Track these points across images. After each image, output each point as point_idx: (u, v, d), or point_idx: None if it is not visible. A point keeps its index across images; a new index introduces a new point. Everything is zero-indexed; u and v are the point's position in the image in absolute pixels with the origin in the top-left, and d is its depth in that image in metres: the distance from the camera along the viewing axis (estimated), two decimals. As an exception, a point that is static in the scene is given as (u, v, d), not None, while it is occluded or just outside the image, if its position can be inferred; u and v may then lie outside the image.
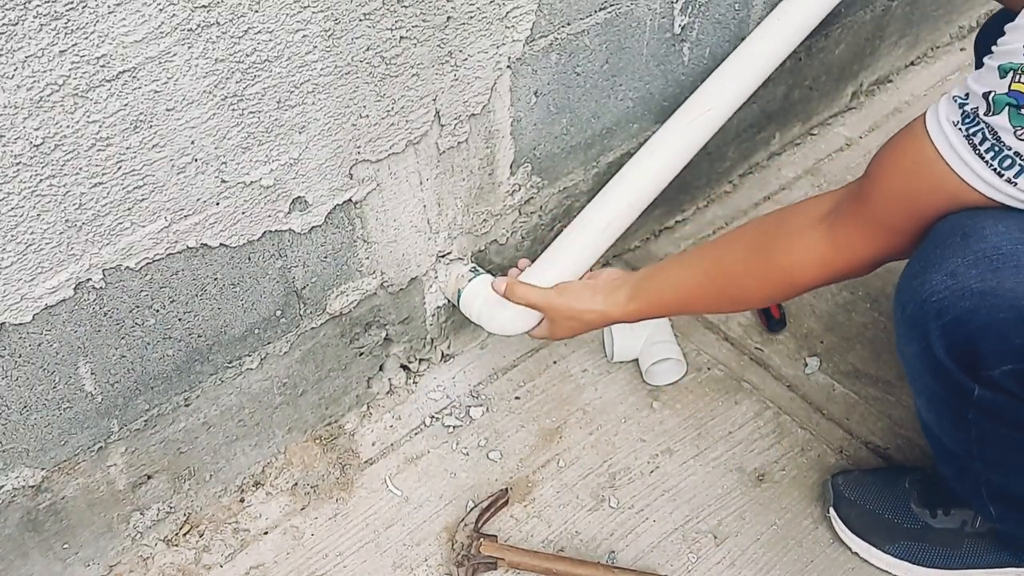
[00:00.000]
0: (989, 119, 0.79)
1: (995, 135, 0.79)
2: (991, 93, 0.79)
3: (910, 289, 0.89)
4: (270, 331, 1.14)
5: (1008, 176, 0.80)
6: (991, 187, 0.82)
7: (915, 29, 1.92)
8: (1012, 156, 0.79)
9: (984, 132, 0.80)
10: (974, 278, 0.83)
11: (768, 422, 1.33)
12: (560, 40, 1.19)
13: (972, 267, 0.83)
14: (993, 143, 0.79)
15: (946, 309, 0.85)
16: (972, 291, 0.83)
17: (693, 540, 1.19)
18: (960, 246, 0.84)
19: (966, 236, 0.84)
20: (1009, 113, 0.78)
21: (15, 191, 0.81)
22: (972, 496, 1.06)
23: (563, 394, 1.38)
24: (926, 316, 0.87)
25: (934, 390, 0.94)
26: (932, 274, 0.86)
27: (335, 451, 1.30)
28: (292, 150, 1.00)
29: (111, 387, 1.02)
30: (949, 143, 0.83)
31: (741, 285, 1.07)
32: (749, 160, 1.74)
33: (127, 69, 0.82)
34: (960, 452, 1.00)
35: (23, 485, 1.00)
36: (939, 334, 0.86)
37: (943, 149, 0.83)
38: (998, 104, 0.78)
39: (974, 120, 0.81)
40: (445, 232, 1.26)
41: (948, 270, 0.85)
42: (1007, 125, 0.78)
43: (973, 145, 0.81)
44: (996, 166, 0.80)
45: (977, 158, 0.81)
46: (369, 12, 0.96)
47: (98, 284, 0.93)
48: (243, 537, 1.21)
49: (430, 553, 1.19)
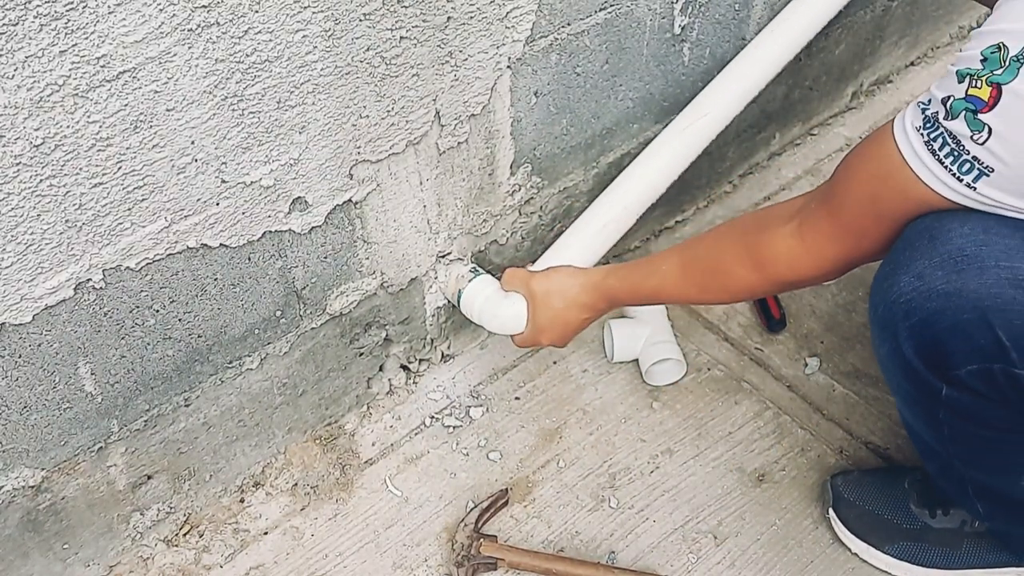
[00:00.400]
0: (947, 124, 0.80)
1: (955, 140, 0.80)
2: (949, 98, 0.80)
3: (881, 291, 0.91)
4: (270, 331, 1.14)
5: (967, 181, 0.80)
6: (953, 191, 0.82)
7: (915, 29, 1.92)
8: (971, 161, 0.79)
9: (944, 137, 0.80)
10: (940, 279, 0.84)
11: (768, 422, 1.33)
12: (560, 40, 1.19)
13: (938, 268, 0.84)
14: (952, 148, 0.80)
15: (913, 310, 0.86)
16: (938, 292, 0.84)
17: (693, 540, 1.19)
18: (927, 248, 0.85)
19: (933, 238, 0.85)
20: (966, 118, 0.78)
21: (15, 191, 0.81)
22: (959, 494, 1.06)
23: (563, 394, 1.38)
24: (895, 317, 0.88)
25: (907, 389, 0.95)
26: (900, 276, 0.87)
27: (335, 451, 1.30)
28: (292, 150, 1.00)
29: (111, 387, 1.02)
30: (912, 148, 0.83)
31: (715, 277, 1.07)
32: (749, 160, 1.74)
33: (127, 69, 0.82)
34: (939, 449, 1.01)
35: (23, 485, 1.00)
36: (907, 335, 0.88)
37: (907, 154, 0.84)
38: (955, 109, 0.79)
39: (934, 125, 0.81)
40: (445, 232, 1.26)
41: (915, 272, 0.86)
42: (964, 130, 0.78)
43: (933, 151, 0.82)
44: (956, 171, 0.81)
45: (937, 163, 0.82)
46: (369, 12, 0.96)
47: (98, 284, 0.93)
48: (243, 537, 1.21)
49: (430, 553, 1.19)
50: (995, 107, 0.76)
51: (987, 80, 0.77)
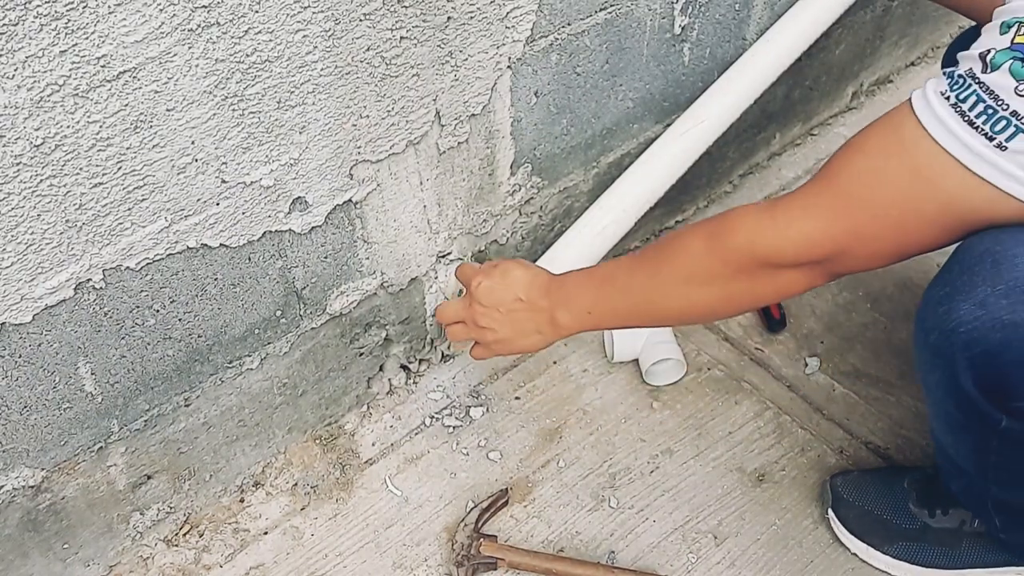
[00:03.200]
0: (985, 77, 0.75)
1: (991, 94, 0.75)
2: (989, 52, 0.75)
3: (935, 316, 0.85)
4: (270, 331, 1.14)
5: (1000, 140, 0.75)
6: (977, 158, 0.76)
7: (915, 29, 1.92)
8: (1008, 117, 0.74)
9: (978, 94, 0.76)
10: (1005, 309, 0.79)
11: (768, 422, 1.33)
12: (560, 40, 1.19)
13: (1003, 297, 0.79)
14: (987, 104, 0.75)
15: (975, 341, 0.81)
16: (1003, 323, 0.79)
17: (693, 540, 1.19)
18: (990, 274, 0.80)
19: (996, 263, 0.80)
20: (1012, 68, 0.74)
21: (15, 191, 0.81)
22: (978, 508, 1.05)
23: (563, 394, 1.38)
24: (953, 346, 0.83)
25: (956, 417, 0.91)
26: (960, 302, 0.82)
27: (335, 451, 1.30)
28: (292, 150, 1.00)
29: (111, 387, 1.02)
30: (934, 114, 0.78)
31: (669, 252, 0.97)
32: (749, 160, 1.74)
33: (127, 69, 0.82)
34: (972, 471, 0.98)
35: (23, 485, 1.00)
36: (967, 365, 0.83)
37: (928, 122, 0.78)
38: (997, 61, 0.75)
39: (965, 84, 0.77)
40: (445, 232, 1.26)
41: (977, 299, 0.81)
42: (1007, 81, 0.74)
43: (962, 112, 0.77)
44: (988, 130, 0.75)
45: (965, 125, 0.76)
46: (369, 12, 0.96)
47: (98, 284, 0.93)
48: (243, 537, 1.21)
49: (430, 553, 1.19)
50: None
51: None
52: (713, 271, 0.93)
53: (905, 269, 1.51)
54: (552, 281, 1.08)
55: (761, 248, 0.89)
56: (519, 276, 1.09)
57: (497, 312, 1.09)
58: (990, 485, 0.98)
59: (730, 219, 0.92)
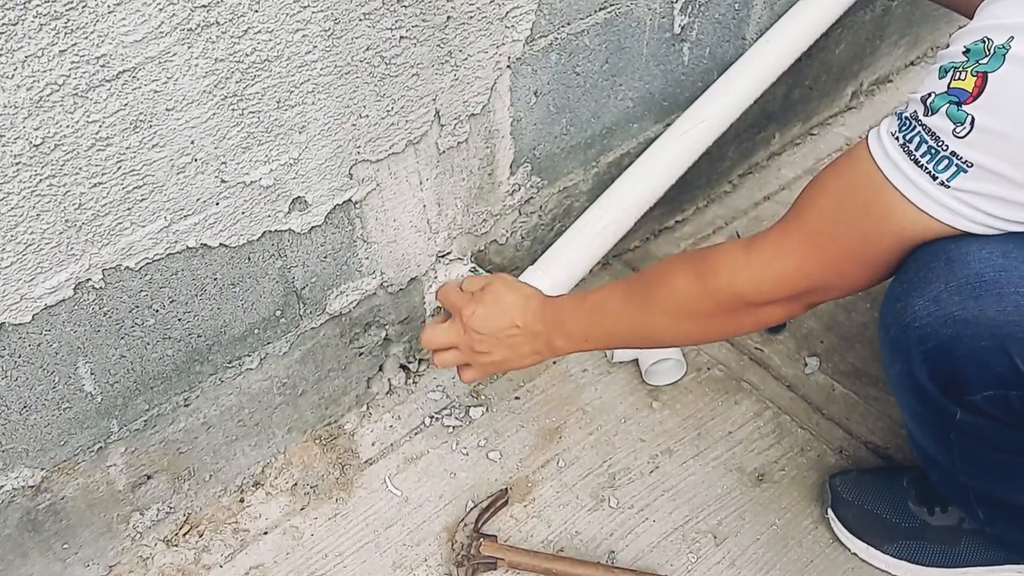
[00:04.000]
0: (927, 120, 0.79)
1: (933, 136, 0.79)
2: (930, 96, 0.79)
3: (893, 312, 0.89)
4: (270, 331, 1.14)
5: (942, 179, 0.79)
6: (923, 194, 0.80)
7: (915, 29, 1.92)
8: (948, 156, 0.78)
9: (921, 135, 0.79)
10: (956, 305, 0.82)
11: (768, 422, 1.33)
12: (560, 40, 1.19)
13: (955, 294, 0.82)
14: (930, 145, 0.79)
15: (928, 336, 0.84)
16: (954, 319, 0.82)
17: (693, 540, 1.19)
18: (944, 271, 0.83)
19: (950, 261, 0.83)
20: (948, 112, 0.77)
21: (15, 191, 0.81)
22: (960, 501, 1.07)
23: (563, 394, 1.38)
24: (908, 341, 0.87)
25: (917, 410, 0.94)
26: (915, 299, 0.85)
27: (335, 451, 1.30)
28: (292, 150, 1.00)
29: (111, 387, 1.02)
30: (885, 152, 0.82)
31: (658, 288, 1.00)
32: (749, 160, 1.74)
33: (127, 69, 0.82)
34: (945, 463, 1.00)
35: (23, 485, 1.00)
36: (921, 359, 0.86)
37: (879, 158, 0.83)
38: (936, 105, 0.78)
39: (911, 125, 0.81)
40: (445, 232, 1.26)
41: (931, 296, 0.84)
42: (945, 124, 0.77)
43: (909, 151, 0.80)
44: (931, 169, 0.79)
45: (912, 163, 0.80)
46: (369, 12, 0.96)
47: (98, 284, 0.93)
48: (243, 537, 1.21)
49: (430, 553, 1.19)
50: (980, 96, 0.75)
51: (972, 71, 0.76)
52: (699, 308, 0.97)
53: (905, 269, 1.51)
54: (546, 305, 1.10)
55: (740, 288, 0.93)
56: (512, 303, 1.11)
57: (495, 339, 1.11)
58: (960, 475, 1.00)
59: (712, 259, 0.96)
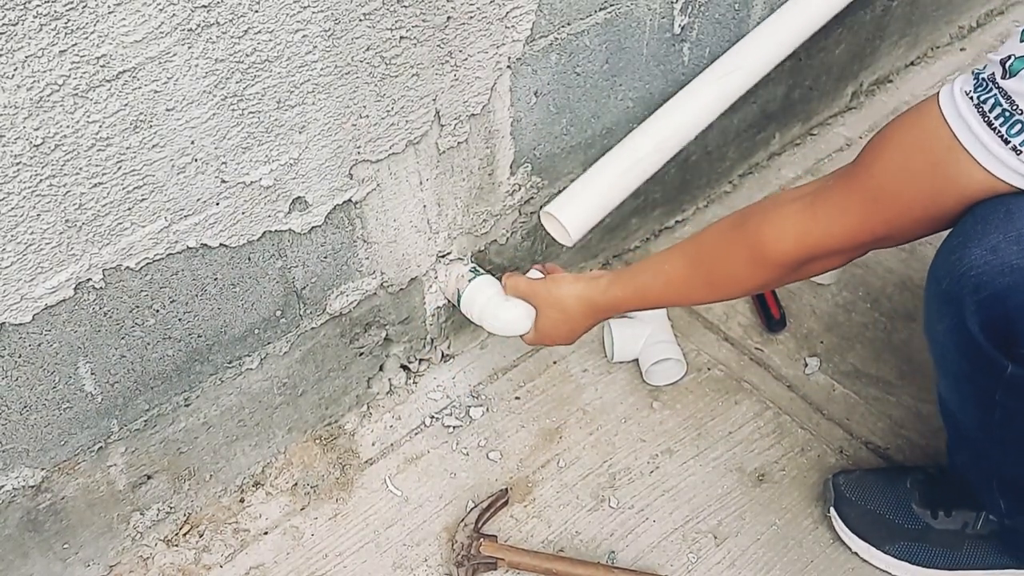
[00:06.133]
0: (1005, 83, 0.78)
1: (1008, 99, 0.78)
2: (1009, 58, 0.78)
3: (947, 264, 0.87)
4: (270, 331, 1.14)
5: (1015, 144, 0.78)
6: (993, 158, 0.79)
7: (915, 29, 1.92)
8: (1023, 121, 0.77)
9: (997, 97, 0.78)
10: (1015, 254, 0.81)
11: (768, 422, 1.33)
12: (560, 40, 1.19)
13: (1014, 243, 0.81)
14: (1005, 108, 0.78)
15: (984, 284, 0.83)
16: (1012, 267, 0.81)
17: (693, 540, 1.19)
18: (1003, 222, 0.82)
19: (1009, 213, 0.82)
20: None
21: (15, 191, 0.81)
22: (982, 487, 1.05)
23: (563, 394, 1.38)
24: (962, 290, 0.85)
25: (962, 368, 0.92)
26: (972, 248, 0.84)
27: (335, 451, 1.30)
28: (292, 150, 1.00)
29: (111, 387, 1.02)
30: (957, 111, 0.81)
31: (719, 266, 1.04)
32: (749, 160, 1.74)
33: (127, 69, 0.82)
34: (979, 436, 0.98)
35: (23, 485, 1.00)
36: (975, 309, 0.84)
37: (950, 117, 0.81)
38: (1015, 68, 0.77)
39: (987, 87, 0.79)
40: (445, 232, 1.26)
41: (989, 245, 0.83)
42: (1022, 88, 0.76)
43: (983, 112, 0.79)
44: (1004, 132, 0.78)
45: (984, 125, 0.79)
46: (369, 12, 0.96)
47: (98, 284, 0.93)
48: (243, 537, 1.21)
49: (430, 553, 1.19)
50: None
51: None
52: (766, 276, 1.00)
53: (905, 269, 1.51)
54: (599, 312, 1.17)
55: (810, 247, 0.95)
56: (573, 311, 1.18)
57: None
58: (994, 448, 0.98)
59: (770, 227, 0.97)
